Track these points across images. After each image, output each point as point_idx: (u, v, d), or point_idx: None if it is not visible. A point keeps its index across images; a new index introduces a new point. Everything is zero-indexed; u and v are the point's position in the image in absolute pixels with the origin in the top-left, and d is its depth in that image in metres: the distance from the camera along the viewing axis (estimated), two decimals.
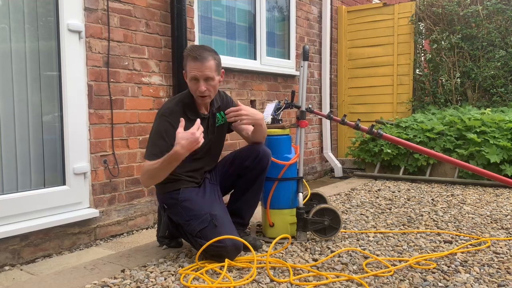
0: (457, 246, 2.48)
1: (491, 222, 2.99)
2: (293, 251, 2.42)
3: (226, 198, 2.59)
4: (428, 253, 2.37)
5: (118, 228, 2.98)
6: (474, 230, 2.79)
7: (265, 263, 2.15)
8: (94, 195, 2.84)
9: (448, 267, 2.15)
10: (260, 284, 1.97)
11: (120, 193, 3.00)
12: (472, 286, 1.93)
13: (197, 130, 2.12)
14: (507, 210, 3.30)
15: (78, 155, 2.73)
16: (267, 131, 2.72)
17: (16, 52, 2.50)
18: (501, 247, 2.44)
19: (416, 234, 2.73)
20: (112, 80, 2.93)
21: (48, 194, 2.60)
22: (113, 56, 2.93)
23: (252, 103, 4.30)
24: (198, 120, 2.19)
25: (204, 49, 2.28)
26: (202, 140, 2.14)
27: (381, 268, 2.14)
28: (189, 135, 2.10)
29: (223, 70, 2.39)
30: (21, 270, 2.34)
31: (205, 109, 2.40)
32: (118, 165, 2.97)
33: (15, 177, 2.50)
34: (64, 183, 2.71)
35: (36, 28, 2.59)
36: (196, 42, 3.59)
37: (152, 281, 2.02)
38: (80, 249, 2.70)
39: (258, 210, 2.81)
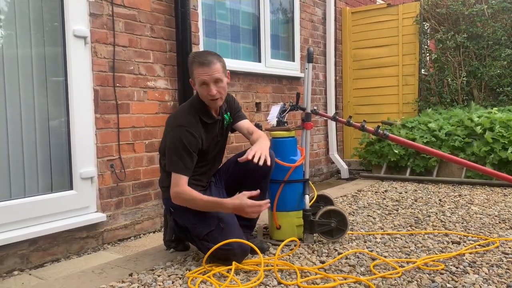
0: (465, 246, 2.46)
1: (500, 222, 2.97)
2: (300, 254, 2.41)
3: None
4: (436, 254, 2.36)
5: (125, 232, 3.00)
6: (482, 231, 2.77)
7: (272, 266, 2.15)
8: (101, 199, 2.86)
9: (457, 268, 2.14)
10: (267, 286, 1.97)
11: (127, 197, 3.01)
12: (481, 287, 1.91)
13: (264, 205, 2.21)
14: None
15: (85, 160, 2.75)
16: (272, 133, 2.73)
17: (22, 58, 2.52)
18: (509, 247, 2.42)
19: (423, 235, 2.72)
20: (117, 84, 2.94)
21: (55, 199, 2.61)
22: (119, 61, 2.95)
23: (257, 106, 4.31)
24: (265, 202, 2.24)
25: (208, 54, 2.29)
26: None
27: (388, 270, 2.13)
28: (256, 208, 2.19)
29: (228, 71, 2.40)
30: (30, 274, 2.36)
31: (215, 112, 2.40)
32: (125, 169, 2.99)
33: (23, 182, 2.52)
34: (71, 188, 2.72)
35: (42, 34, 2.62)
36: (201, 46, 3.60)
37: (159, 285, 2.03)
38: (88, 253, 2.71)
39: (265, 212, 2.80)
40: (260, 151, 2.22)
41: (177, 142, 2.22)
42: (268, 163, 2.22)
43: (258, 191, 2.26)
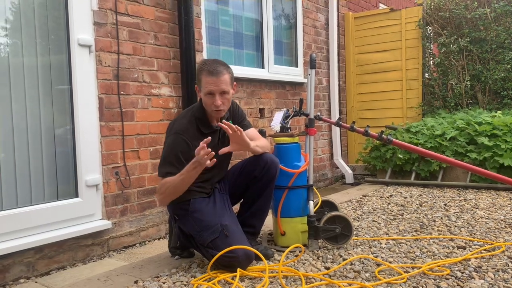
0: (471, 251, 2.45)
1: (505, 226, 2.96)
2: (305, 260, 2.41)
3: (236, 207, 2.59)
4: (441, 259, 2.35)
5: (131, 239, 3.01)
6: (488, 235, 2.76)
7: (277, 272, 2.15)
8: (107, 206, 2.87)
9: (462, 273, 2.13)
10: None
11: (132, 204, 3.03)
12: None
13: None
14: None
15: (90, 167, 2.76)
16: (276, 139, 2.74)
17: (28, 66, 2.55)
18: None
19: (429, 240, 2.71)
20: (122, 92, 2.96)
21: (61, 207, 2.63)
22: (123, 69, 2.97)
23: (261, 112, 4.32)
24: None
25: (218, 64, 2.30)
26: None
27: (394, 275, 2.13)
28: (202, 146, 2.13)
29: (235, 83, 2.42)
30: (36, 282, 2.37)
31: (216, 121, 2.41)
32: (130, 177, 3.00)
33: (29, 190, 2.54)
34: (76, 196, 2.74)
35: (47, 43, 2.64)
36: (204, 53, 3.62)
37: None
38: (93, 261, 2.72)
39: (269, 218, 2.81)
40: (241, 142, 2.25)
41: (170, 149, 2.28)
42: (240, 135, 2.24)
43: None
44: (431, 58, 5.73)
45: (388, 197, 4.11)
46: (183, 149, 2.25)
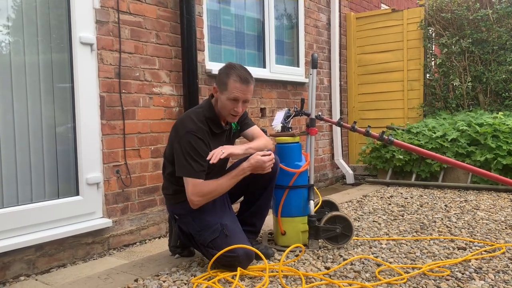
0: (471, 252, 2.45)
1: (506, 228, 2.95)
2: (305, 259, 2.41)
3: (236, 207, 2.59)
4: (442, 260, 2.35)
5: (131, 237, 3.01)
6: (489, 236, 2.76)
7: (277, 272, 2.15)
8: (107, 205, 2.87)
9: (462, 274, 2.13)
10: None
11: (133, 202, 3.03)
12: None
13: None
14: None
15: (91, 166, 2.77)
16: (277, 139, 2.74)
17: (30, 64, 2.55)
18: None
19: (429, 240, 2.71)
20: (123, 91, 2.96)
21: (62, 205, 2.63)
22: (125, 68, 2.97)
23: (262, 111, 4.32)
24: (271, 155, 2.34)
25: (247, 72, 2.32)
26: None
27: (394, 276, 2.12)
28: (268, 158, 2.32)
29: None
30: (36, 280, 2.37)
31: (224, 122, 2.41)
32: (131, 175, 3.00)
33: (29, 188, 2.54)
34: (77, 194, 2.74)
35: (49, 41, 2.64)
36: (206, 52, 3.62)
37: None
38: (93, 259, 2.72)
39: (270, 218, 2.81)
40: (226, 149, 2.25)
41: (188, 147, 2.21)
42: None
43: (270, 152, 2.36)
44: (433, 59, 5.72)
45: (388, 198, 4.11)
46: (201, 146, 2.23)
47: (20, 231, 2.43)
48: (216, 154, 2.18)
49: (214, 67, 3.52)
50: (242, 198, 2.59)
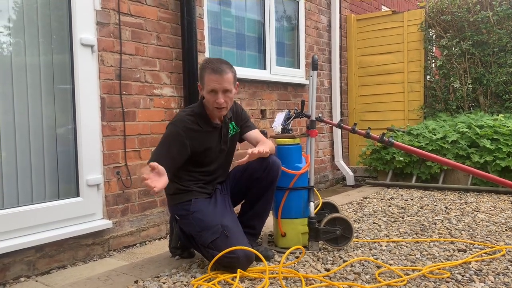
0: (471, 254, 2.45)
1: (506, 230, 2.95)
2: (305, 261, 2.41)
3: (237, 208, 2.60)
4: (442, 262, 2.35)
5: (131, 238, 3.01)
6: (489, 238, 2.76)
7: (277, 273, 2.15)
8: (107, 206, 2.87)
9: (462, 276, 2.13)
10: None
11: (133, 204, 3.03)
12: None
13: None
14: None
15: (91, 167, 2.77)
16: (277, 141, 2.74)
17: (30, 66, 2.55)
18: None
19: (429, 242, 2.71)
20: (124, 92, 2.97)
21: (62, 206, 2.63)
22: (125, 69, 2.98)
23: (263, 113, 4.32)
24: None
25: (222, 62, 2.33)
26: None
27: (394, 278, 2.12)
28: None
29: (237, 82, 2.43)
30: (36, 281, 2.37)
31: (218, 119, 2.42)
32: (131, 176, 3.00)
33: (30, 189, 2.55)
34: (78, 195, 2.74)
35: (50, 42, 2.65)
36: (207, 54, 3.63)
37: None
38: (94, 260, 2.72)
39: (270, 219, 2.81)
40: (258, 149, 2.24)
41: (165, 137, 2.31)
42: (266, 151, 2.26)
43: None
44: (433, 61, 5.72)
45: (389, 200, 4.10)
46: (176, 138, 2.27)
47: (20, 232, 2.43)
48: None
49: None
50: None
